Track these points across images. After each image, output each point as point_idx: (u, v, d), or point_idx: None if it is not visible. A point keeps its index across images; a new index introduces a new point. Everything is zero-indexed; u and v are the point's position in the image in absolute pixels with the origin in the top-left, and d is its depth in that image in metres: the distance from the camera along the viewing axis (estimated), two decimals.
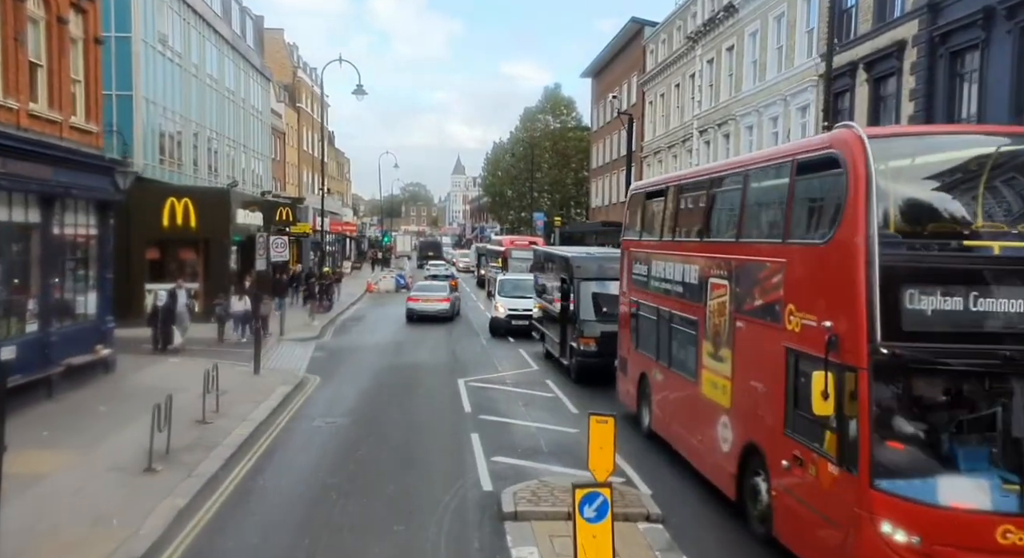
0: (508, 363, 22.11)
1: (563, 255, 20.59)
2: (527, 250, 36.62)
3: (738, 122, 32.10)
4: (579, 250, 22.53)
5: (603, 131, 58.18)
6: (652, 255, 13.57)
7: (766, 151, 11.02)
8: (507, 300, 28.05)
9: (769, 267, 8.87)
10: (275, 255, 26.39)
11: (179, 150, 31.02)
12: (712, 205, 11.23)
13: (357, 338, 27.55)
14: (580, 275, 19.10)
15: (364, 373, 20.50)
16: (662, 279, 12.94)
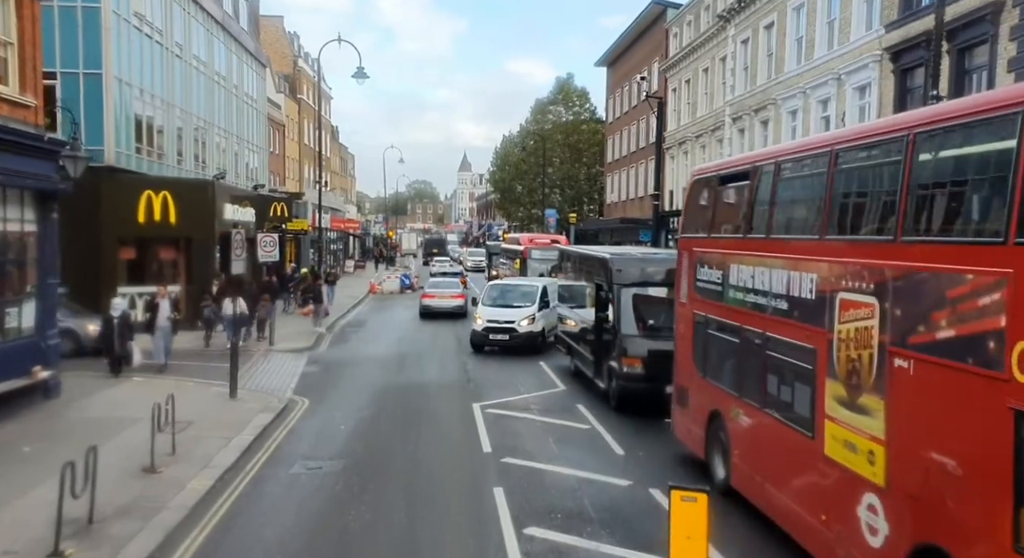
0: (529, 381, 18.99)
1: (598, 256, 17.40)
2: (550, 250, 32.83)
3: (779, 107, 28.88)
4: (616, 250, 19.19)
5: (619, 123, 54.99)
6: (731, 257, 10.42)
7: (950, 105, 7.81)
8: (489, 310, 23.58)
9: (974, 281, 5.72)
10: (264, 255, 23.35)
11: (160, 138, 27.93)
12: (840, 189, 8.06)
13: (356, 348, 24.45)
14: (621, 280, 15.93)
15: (361, 395, 17.39)
16: (748, 290, 9.79)
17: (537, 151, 65.10)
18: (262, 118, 42.93)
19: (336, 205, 59.23)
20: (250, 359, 21.30)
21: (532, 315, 23.12)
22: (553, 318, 22.98)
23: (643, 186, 48.13)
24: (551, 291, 23.74)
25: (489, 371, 20.44)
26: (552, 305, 23.30)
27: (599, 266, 17.07)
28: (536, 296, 23.67)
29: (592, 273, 17.79)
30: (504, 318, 22.99)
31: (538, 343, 22.86)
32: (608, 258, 16.50)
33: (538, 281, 25.53)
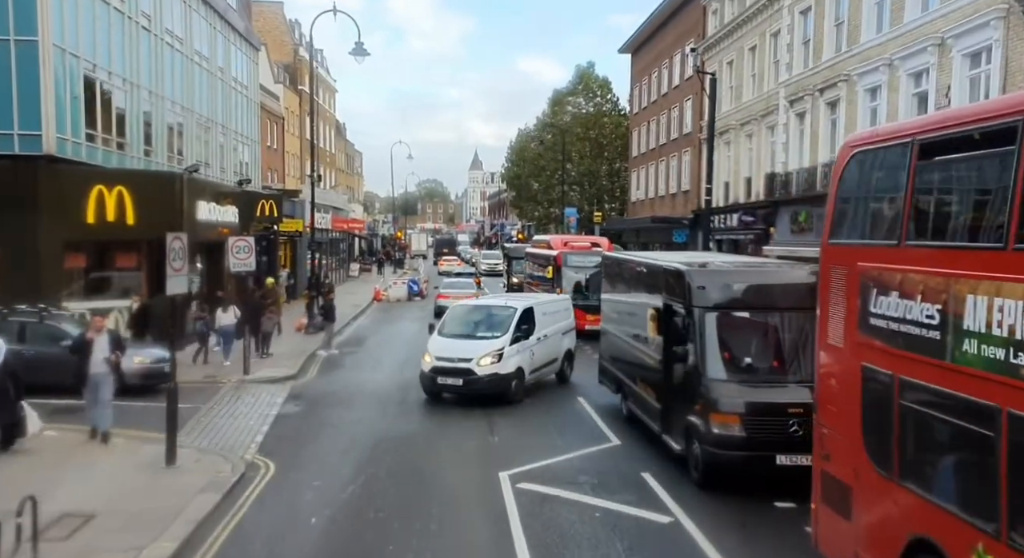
0: (570, 430, 14.53)
1: (668, 266, 12.79)
2: (589, 255, 26.73)
3: (854, 84, 24.29)
4: (690, 258, 14.29)
5: (646, 113, 50.45)
6: (962, 283, 5.94)
7: None
8: (442, 343, 17.04)
9: None
10: (236, 263, 19.05)
11: (121, 124, 23.61)
12: None
13: (351, 377, 20.06)
14: (705, 301, 11.46)
15: (347, 455, 12.96)
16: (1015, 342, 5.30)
17: (555, 146, 60.57)
18: (254, 107, 38.64)
19: (339, 204, 54.93)
20: (215, 395, 16.98)
21: (499, 351, 16.24)
22: (546, 352, 17.98)
23: (676, 181, 43.62)
24: (540, 314, 17.94)
25: (516, 413, 15.96)
26: (540, 335, 17.61)
27: (670, 280, 12.54)
28: (510, 324, 16.89)
29: (656, 289, 13.26)
30: (458, 355, 16.21)
31: (510, 391, 16.23)
32: (684, 270, 11.97)
33: (519, 300, 19.12)
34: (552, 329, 18.35)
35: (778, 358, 11.39)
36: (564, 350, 19.04)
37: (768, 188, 29.93)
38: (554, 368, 18.69)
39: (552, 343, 18.32)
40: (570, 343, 19.48)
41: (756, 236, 31.16)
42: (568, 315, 19.80)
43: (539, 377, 17.96)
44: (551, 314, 18.65)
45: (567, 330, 19.34)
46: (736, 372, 11.22)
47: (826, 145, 26.33)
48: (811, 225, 26.67)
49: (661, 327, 12.73)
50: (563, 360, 19.02)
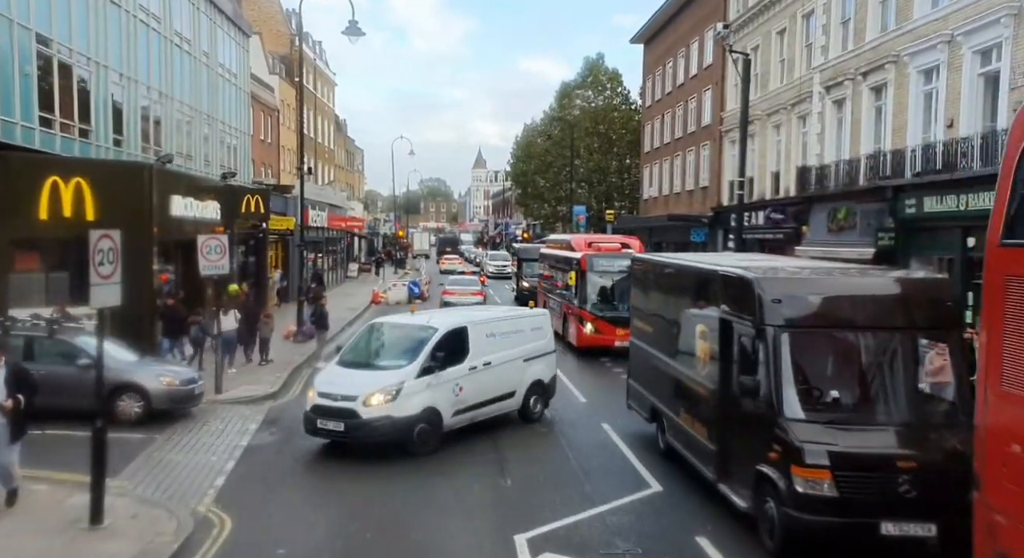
0: (598, 472, 11.91)
1: (726, 272, 10.10)
2: (620, 258, 22.24)
3: (904, 65, 21.70)
4: (749, 261, 11.64)
5: (659, 106, 47.87)
6: None
7: None
8: (335, 373, 13.49)
9: None
10: (207, 266, 16.54)
11: (85, 109, 21.09)
12: None
13: None
14: (780, 319, 8.91)
15: (325, 507, 10.43)
16: None
17: (563, 140, 57.96)
18: (244, 97, 36.13)
19: (336, 201, 52.38)
20: (177, 421, 14.46)
21: (394, 387, 12.45)
22: (490, 384, 13.91)
23: (693, 177, 41.06)
24: (482, 336, 14.01)
25: (531, 445, 13.42)
26: (478, 364, 13.66)
27: (730, 290, 9.94)
28: (422, 350, 13.00)
29: (708, 300, 10.68)
30: (343, 391, 12.53)
31: (412, 440, 12.43)
32: (752, 278, 9.38)
33: (451, 317, 15.09)
34: (503, 355, 14.22)
35: (878, 393, 8.85)
36: (530, 381, 14.82)
37: (800, 183, 27.34)
38: (509, 405, 14.54)
39: (503, 373, 14.16)
40: (543, 371, 15.25)
41: (786, 235, 28.59)
42: (542, 335, 15.49)
43: (478, 418, 13.82)
44: (505, 335, 14.49)
45: (537, 355, 15.11)
46: (823, 410, 8.68)
47: (869, 135, 23.76)
48: (852, 223, 24.11)
49: (716, 348, 10.16)
50: (528, 394, 14.79)
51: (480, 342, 13.93)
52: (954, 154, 19.06)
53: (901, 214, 21.28)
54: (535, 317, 16.06)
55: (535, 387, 15.04)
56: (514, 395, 14.60)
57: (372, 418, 12.26)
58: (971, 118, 19.01)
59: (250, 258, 30.25)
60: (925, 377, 9.22)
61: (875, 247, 21.82)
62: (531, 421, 14.87)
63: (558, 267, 27.37)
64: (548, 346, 15.65)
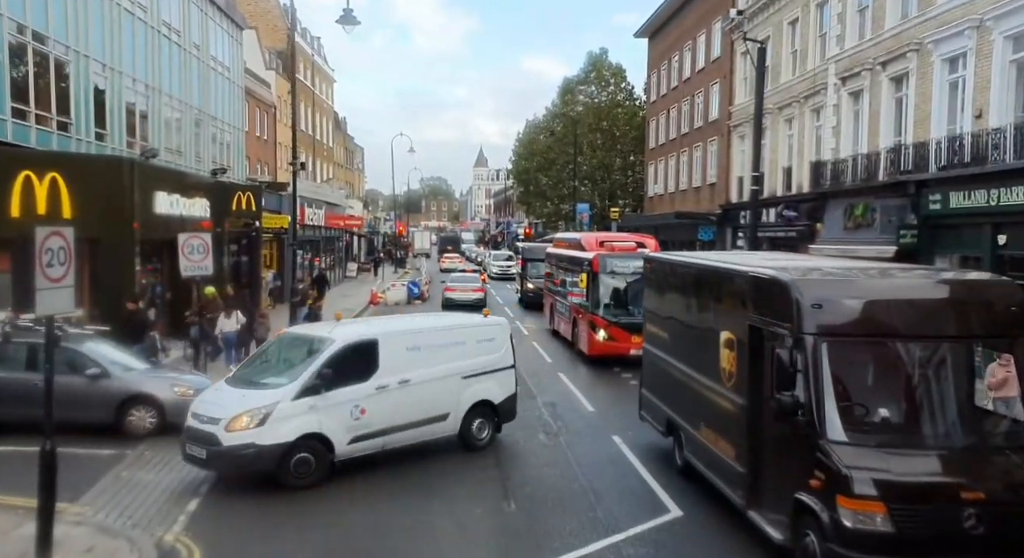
0: (610, 493, 10.79)
1: (756, 274, 8.93)
2: (635, 258, 19.64)
3: (928, 53, 20.59)
4: (778, 261, 10.44)
5: (664, 101, 46.78)
6: None
7: None
8: (217, 392, 11.86)
9: None
10: (189, 266, 15.48)
11: (64, 101, 19.99)
12: None
13: None
14: (821, 326, 7.82)
15: (309, 533, 9.37)
16: None
17: (566, 137, 56.81)
18: (238, 91, 35.04)
19: (334, 199, 51.30)
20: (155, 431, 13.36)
21: (264, 410, 10.76)
22: (410, 407, 11.97)
23: (700, 174, 39.98)
24: (402, 349, 12.11)
25: (535, 461, 12.32)
26: (389, 382, 11.77)
27: (762, 293, 8.83)
28: (309, 367, 11.27)
29: (735, 304, 9.56)
30: (211, 413, 10.99)
31: (288, 472, 10.80)
32: (788, 280, 8.27)
33: (354, 328, 12.89)
34: (431, 372, 12.24)
35: (934, 410, 7.75)
36: (472, 402, 12.75)
37: (814, 178, 26.25)
38: (441, 429, 12.51)
39: (429, 393, 12.20)
40: (493, 390, 13.06)
41: (799, 233, 27.48)
42: (493, 348, 13.26)
43: (392, 445, 11.89)
44: (436, 349, 12.47)
45: (483, 371, 13.00)
46: (872, 431, 7.60)
47: (889, 127, 22.65)
48: (871, 220, 23.00)
49: (745, 359, 9.07)
50: (469, 417, 12.75)
51: (396, 357, 11.93)
52: (984, 146, 17.96)
53: (924, 210, 20.18)
54: (485, 327, 13.58)
55: (480, 409, 12.85)
56: (447, 418, 12.49)
57: (234, 445, 10.52)
58: (1002, 108, 17.88)
59: (242, 257, 29.19)
60: (986, 392, 8.12)
61: (896, 245, 20.74)
62: (473, 449, 12.68)
63: (567, 268, 25.50)
64: (502, 361, 13.32)
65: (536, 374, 19.77)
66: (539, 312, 32.01)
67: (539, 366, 21.04)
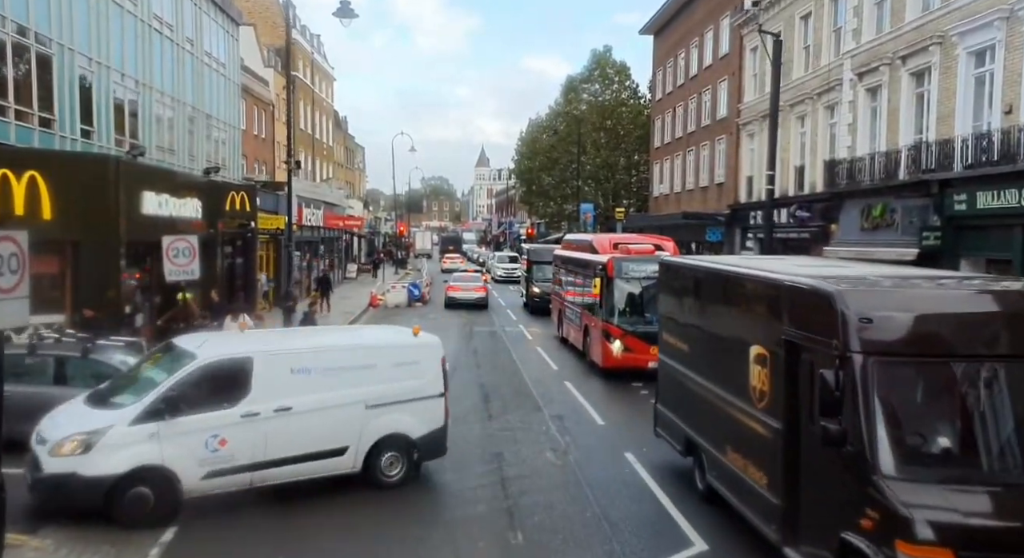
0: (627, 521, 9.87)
1: (793, 282, 7.99)
2: (651, 261, 18.14)
3: (952, 46, 19.64)
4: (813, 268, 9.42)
5: (670, 99, 45.85)
6: None
7: None
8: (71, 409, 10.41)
9: None
10: (174, 270, 14.58)
11: (46, 95, 19.07)
12: None
13: None
14: (872, 344, 6.92)
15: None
16: None
17: (569, 136, 55.84)
18: (234, 89, 34.11)
19: (333, 199, 50.38)
20: None
21: (90, 435, 9.47)
22: (289, 438, 10.29)
23: (708, 173, 39.04)
24: (287, 372, 10.50)
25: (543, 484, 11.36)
26: (264, 409, 10.15)
27: (800, 305, 7.88)
28: (156, 389, 9.90)
29: (768, 316, 8.63)
30: (46, 433, 9.82)
31: (114, 507, 9.36)
32: (833, 290, 7.31)
33: (227, 344, 11.37)
34: (323, 398, 10.56)
35: (1004, 442, 6.80)
36: (380, 436, 10.93)
37: (828, 178, 25.28)
38: (336, 466, 10.75)
39: (320, 423, 10.49)
40: (410, 423, 11.19)
41: (812, 234, 26.55)
42: (415, 373, 11.30)
43: (268, 482, 10.28)
44: (333, 372, 10.73)
45: (398, 400, 11.11)
46: (932, 465, 6.65)
47: (909, 124, 21.70)
48: (890, 220, 22.05)
49: (780, 378, 8.13)
50: (376, 453, 10.94)
51: (275, 380, 10.30)
52: (1015, 143, 17.02)
53: (949, 211, 19.25)
54: (405, 349, 11.57)
55: (390, 444, 10.99)
56: (345, 454, 10.72)
57: (54, 473, 9.28)
58: None
59: (237, 259, 28.28)
60: None
61: (919, 247, 19.80)
62: (377, 487, 10.90)
63: (578, 272, 23.88)
64: (426, 388, 11.32)
65: (541, 383, 18.87)
66: (545, 317, 30.86)
67: (544, 374, 20.13)
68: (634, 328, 19.12)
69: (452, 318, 33.10)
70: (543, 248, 39.04)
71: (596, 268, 20.88)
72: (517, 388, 18.33)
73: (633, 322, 19.26)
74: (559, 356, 23.08)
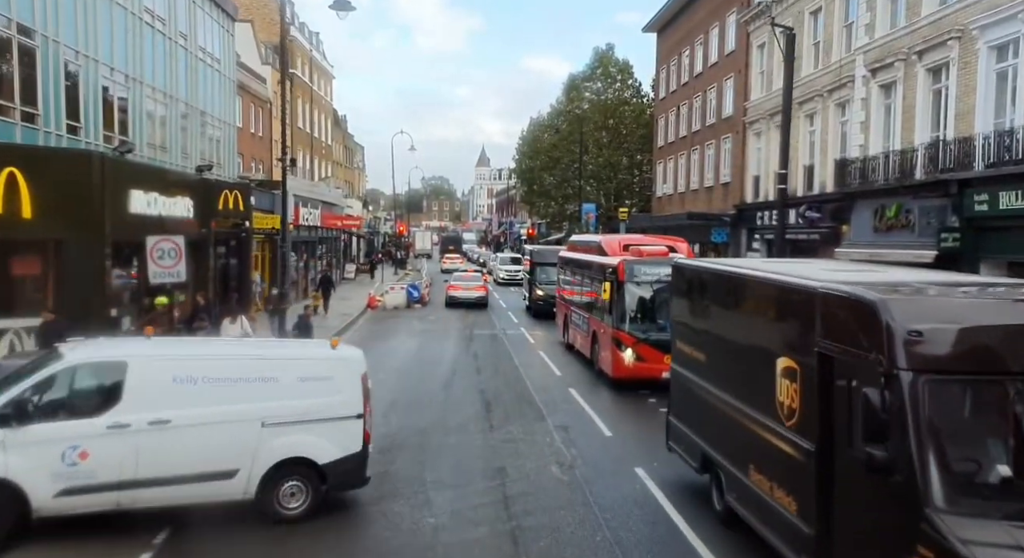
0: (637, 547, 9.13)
1: (829, 290, 7.18)
2: (665, 264, 16.61)
3: (973, 40, 18.90)
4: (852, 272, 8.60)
5: (674, 98, 45.14)
6: None
7: None
8: None
9: None
10: (159, 272, 13.83)
11: (30, 89, 18.30)
12: None
13: None
14: (924, 360, 6.14)
15: None
16: None
17: (571, 135, 55.07)
18: (229, 85, 33.36)
19: (331, 198, 49.62)
20: None
21: None
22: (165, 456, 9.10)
23: (713, 173, 38.31)
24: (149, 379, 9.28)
25: (549, 502, 10.59)
26: (133, 421, 9.02)
27: (837, 315, 7.10)
28: (6, 392, 9.07)
29: (798, 326, 7.87)
30: None
31: None
32: (876, 299, 6.54)
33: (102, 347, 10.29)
34: (212, 414, 9.29)
35: None
36: (278, 460, 9.54)
37: (839, 177, 24.53)
38: (223, 491, 9.41)
39: (204, 441, 9.23)
40: (317, 446, 9.71)
41: (822, 235, 25.81)
42: (326, 390, 9.80)
43: (138, 504, 9.13)
44: (226, 383, 9.44)
45: (303, 420, 9.67)
46: (992, 498, 5.89)
47: (925, 121, 20.97)
48: (906, 221, 21.29)
49: (812, 395, 7.38)
50: (272, 478, 9.52)
51: (154, 388, 9.15)
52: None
53: (969, 212, 18.52)
54: (316, 362, 10.16)
55: (292, 470, 9.57)
56: (235, 477, 9.37)
57: None
58: None
59: (231, 260, 27.51)
60: None
61: (936, 249, 19.06)
62: (279, 521, 9.51)
63: (585, 275, 22.61)
64: (340, 408, 9.81)
65: (545, 390, 18.13)
66: (549, 321, 29.80)
67: (548, 381, 19.39)
68: (647, 336, 17.96)
69: (452, 320, 32.37)
70: (547, 249, 37.86)
71: (606, 271, 19.70)
72: (520, 395, 17.59)
73: (646, 329, 18.11)
74: (563, 361, 22.31)
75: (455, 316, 33.75)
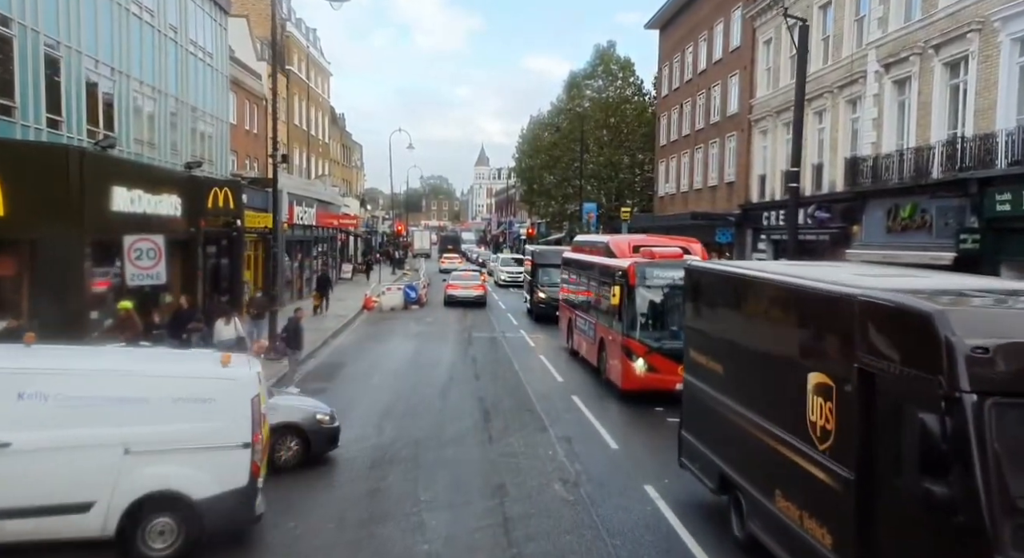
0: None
1: (871, 298, 6.36)
2: (677, 266, 15.93)
3: (994, 32, 18.10)
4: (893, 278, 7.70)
5: (677, 96, 44.32)
6: None
7: None
8: None
9: None
10: (137, 273, 12.97)
11: (6, 81, 17.44)
12: None
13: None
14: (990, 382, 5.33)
15: None
16: None
17: (572, 133, 54.23)
18: (222, 80, 32.48)
19: (327, 197, 48.74)
20: None
21: None
22: None
23: (717, 172, 37.50)
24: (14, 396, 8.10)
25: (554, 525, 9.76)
26: None
27: (883, 327, 6.27)
28: None
29: (833, 338, 7.03)
30: None
31: None
32: (933, 311, 5.70)
33: None
34: (63, 437, 8.09)
35: None
36: (140, 493, 8.28)
37: (850, 176, 23.73)
38: (74, 526, 8.20)
39: (53, 468, 8.09)
40: (192, 480, 8.39)
41: (832, 236, 24.99)
42: (208, 414, 8.45)
43: None
44: (85, 402, 8.18)
45: (174, 448, 8.41)
46: None
47: (942, 118, 20.16)
48: (922, 221, 20.48)
49: (851, 415, 6.54)
50: (135, 514, 8.23)
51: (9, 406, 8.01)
52: None
53: (990, 212, 17.73)
54: (198, 381, 8.72)
55: (160, 505, 8.32)
56: (90, 511, 8.16)
57: None
58: None
59: (222, 260, 26.68)
60: None
61: (955, 251, 18.25)
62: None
63: (592, 278, 21.37)
64: (221, 434, 8.46)
65: (547, 397, 17.30)
66: (551, 324, 28.76)
67: (549, 388, 18.56)
68: (660, 344, 16.73)
69: (450, 322, 31.54)
70: (549, 250, 36.52)
71: (615, 274, 18.50)
72: (520, 403, 16.76)
73: (659, 337, 16.93)
74: (565, 367, 21.43)
75: (453, 318, 32.92)
